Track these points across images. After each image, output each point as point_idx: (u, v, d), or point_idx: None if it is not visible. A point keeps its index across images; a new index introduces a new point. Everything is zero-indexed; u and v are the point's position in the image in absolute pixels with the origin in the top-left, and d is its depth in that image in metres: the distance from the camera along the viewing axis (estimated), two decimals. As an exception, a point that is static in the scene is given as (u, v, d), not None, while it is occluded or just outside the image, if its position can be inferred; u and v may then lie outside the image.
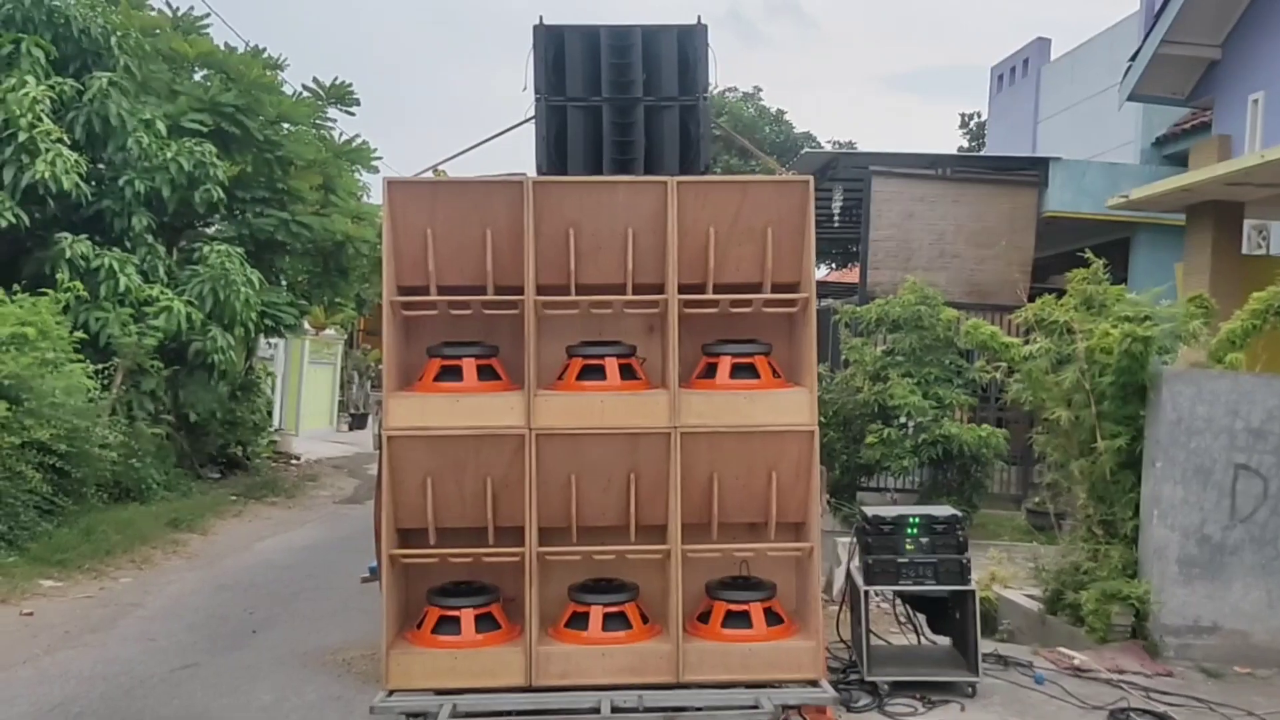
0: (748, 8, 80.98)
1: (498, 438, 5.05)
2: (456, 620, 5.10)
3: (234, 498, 13.76)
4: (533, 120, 5.84)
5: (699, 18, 5.78)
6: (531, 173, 5.66)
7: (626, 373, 5.20)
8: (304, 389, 24.19)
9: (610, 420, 5.05)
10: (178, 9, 14.89)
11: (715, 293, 5.23)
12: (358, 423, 27.36)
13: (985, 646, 6.25)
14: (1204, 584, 6.54)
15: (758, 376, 5.20)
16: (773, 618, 5.19)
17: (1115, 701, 5.64)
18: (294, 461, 18.73)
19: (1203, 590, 6.54)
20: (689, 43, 5.77)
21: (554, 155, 5.75)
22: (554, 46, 5.75)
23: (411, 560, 5.24)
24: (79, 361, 10.60)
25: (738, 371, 5.21)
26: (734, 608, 5.17)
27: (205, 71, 14.63)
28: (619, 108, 5.73)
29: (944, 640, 6.30)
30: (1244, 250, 11.77)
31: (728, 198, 5.23)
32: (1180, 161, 14.44)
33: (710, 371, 5.26)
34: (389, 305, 5.16)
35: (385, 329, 5.19)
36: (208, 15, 14.91)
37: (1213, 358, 7.02)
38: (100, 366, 11.14)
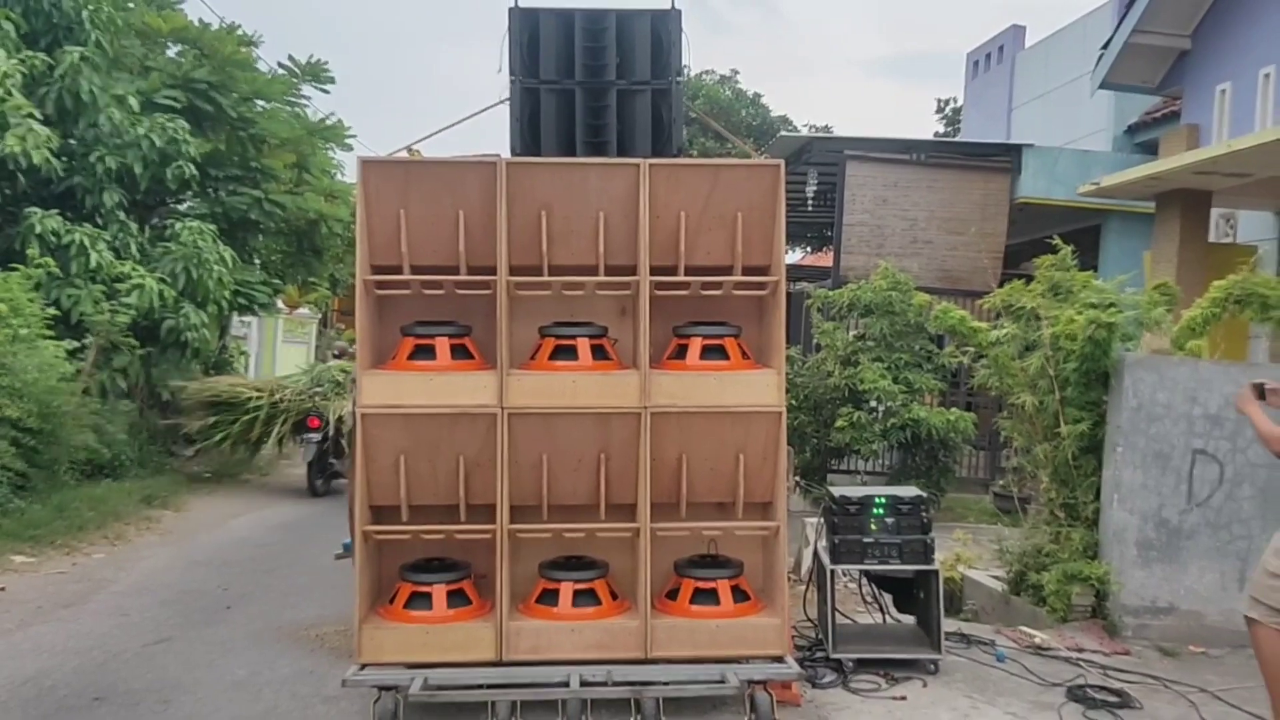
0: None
1: (470, 416, 5.09)
2: (428, 596, 5.15)
3: (208, 475, 13.74)
4: (507, 102, 5.88)
5: (672, 2, 5.82)
6: (506, 154, 5.69)
7: (598, 353, 5.24)
8: (278, 368, 24.12)
9: (582, 400, 5.10)
10: (150, -18, 14.73)
11: (686, 275, 5.26)
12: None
13: (949, 625, 6.38)
14: (1161, 566, 6.69)
15: (727, 358, 5.26)
16: (740, 595, 5.27)
17: (1073, 679, 5.78)
18: (267, 439, 18.64)
19: (1160, 572, 6.69)
20: (662, 27, 5.82)
21: (528, 137, 5.80)
22: (529, 29, 5.79)
23: (384, 536, 5.29)
24: (51, 338, 10.55)
25: (708, 353, 5.26)
26: (702, 585, 5.25)
27: (178, 47, 14.47)
28: (592, 91, 5.78)
29: (909, 619, 6.43)
30: (1211, 238, 11.97)
31: (699, 181, 5.26)
32: (1151, 149, 14.61)
33: (681, 353, 5.31)
34: (362, 284, 5.19)
35: (359, 308, 5.22)
36: (182, -11, 14.74)
37: (1174, 345, 7.15)
38: (74, 345, 11.08)
